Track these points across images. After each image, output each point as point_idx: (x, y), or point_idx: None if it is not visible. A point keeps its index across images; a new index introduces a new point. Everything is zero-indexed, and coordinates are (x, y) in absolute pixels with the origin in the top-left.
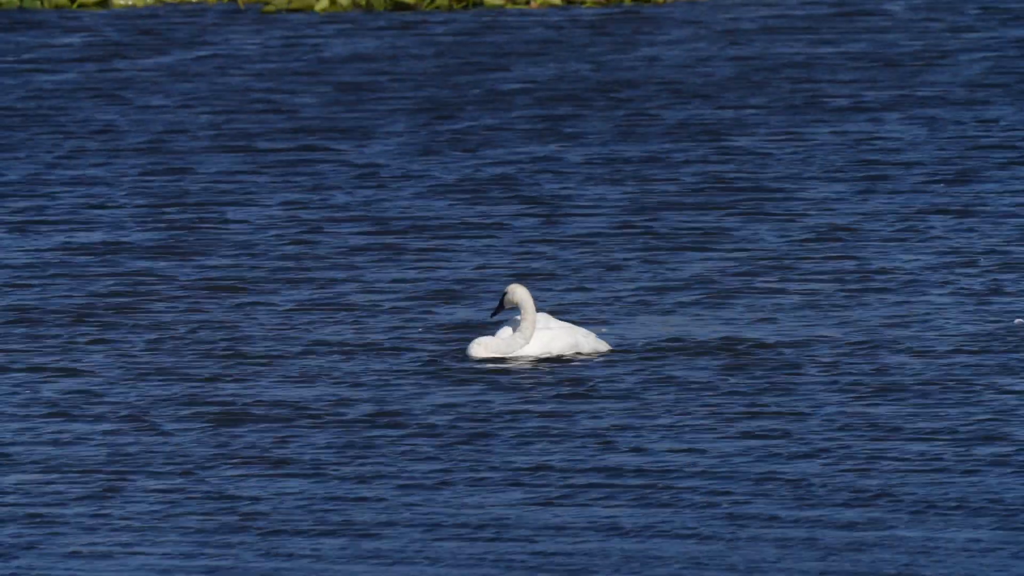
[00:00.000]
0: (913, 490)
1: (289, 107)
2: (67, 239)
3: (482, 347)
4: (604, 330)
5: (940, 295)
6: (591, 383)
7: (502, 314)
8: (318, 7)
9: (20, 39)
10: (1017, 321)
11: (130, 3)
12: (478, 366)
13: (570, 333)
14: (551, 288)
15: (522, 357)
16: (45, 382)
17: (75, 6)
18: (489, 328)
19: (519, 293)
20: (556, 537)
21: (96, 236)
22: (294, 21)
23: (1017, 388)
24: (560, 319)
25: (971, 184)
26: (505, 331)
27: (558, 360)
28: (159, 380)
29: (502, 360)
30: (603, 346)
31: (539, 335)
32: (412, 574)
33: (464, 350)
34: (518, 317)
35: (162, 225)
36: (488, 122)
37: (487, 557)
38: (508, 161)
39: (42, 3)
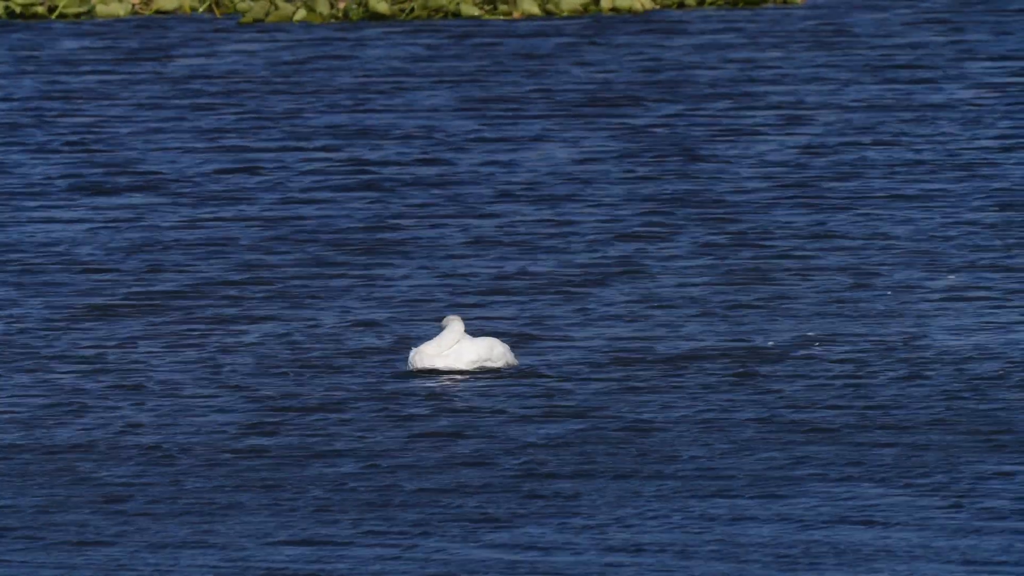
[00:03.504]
0: None
1: (285, 116)
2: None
3: (423, 356)
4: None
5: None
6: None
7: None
8: (296, 18)
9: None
10: None
11: (111, 13)
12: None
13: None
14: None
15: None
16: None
17: (55, 16)
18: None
19: (453, 324)
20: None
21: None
22: (273, 32)
23: None
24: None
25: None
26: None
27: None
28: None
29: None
30: (513, 359)
31: (480, 341)
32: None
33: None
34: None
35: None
36: (503, 127)
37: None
38: (532, 165)
39: (23, 13)
